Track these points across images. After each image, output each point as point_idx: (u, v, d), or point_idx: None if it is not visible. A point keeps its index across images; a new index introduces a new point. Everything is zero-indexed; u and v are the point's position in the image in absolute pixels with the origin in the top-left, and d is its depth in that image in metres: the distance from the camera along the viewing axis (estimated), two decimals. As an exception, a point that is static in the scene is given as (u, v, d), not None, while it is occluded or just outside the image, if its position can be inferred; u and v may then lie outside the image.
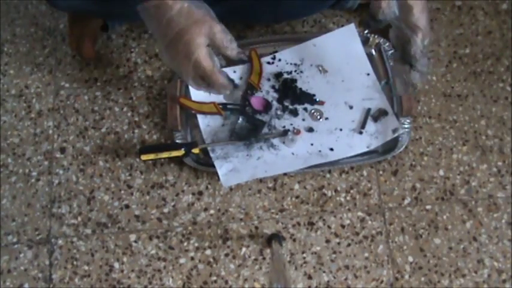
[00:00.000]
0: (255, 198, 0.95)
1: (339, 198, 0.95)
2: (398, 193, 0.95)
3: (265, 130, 0.96)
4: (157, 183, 0.97)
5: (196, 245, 0.93)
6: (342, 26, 1.03)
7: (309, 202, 0.95)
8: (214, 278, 0.91)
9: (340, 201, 0.94)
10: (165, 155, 0.93)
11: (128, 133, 1.01)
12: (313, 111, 0.98)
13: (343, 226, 0.93)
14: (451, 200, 0.94)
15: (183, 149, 0.93)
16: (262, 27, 1.06)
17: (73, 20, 1.05)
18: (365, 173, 0.96)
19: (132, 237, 0.95)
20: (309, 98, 0.99)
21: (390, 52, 1.00)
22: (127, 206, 0.96)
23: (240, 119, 0.96)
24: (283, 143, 0.96)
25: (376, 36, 1.01)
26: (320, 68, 1.01)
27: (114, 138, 1.01)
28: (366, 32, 1.01)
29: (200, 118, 0.99)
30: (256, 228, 0.94)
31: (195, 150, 0.94)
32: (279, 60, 1.02)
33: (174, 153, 0.93)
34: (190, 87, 1.00)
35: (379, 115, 0.96)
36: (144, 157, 0.93)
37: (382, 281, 0.90)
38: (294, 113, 0.98)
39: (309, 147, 0.95)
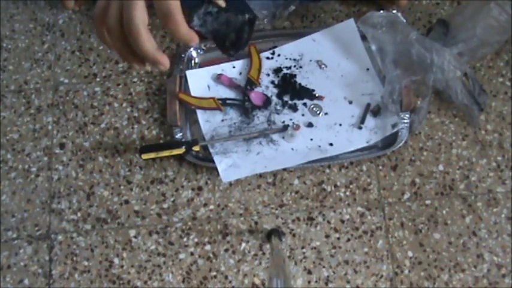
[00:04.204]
0: (255, 193, 0.95)
1: (339, 193, 0.95)
2: (397, 188, 0.94)
3: (264, 125, 0.97)
4: (156, 179, 0.97)
5: (195, 240, 0.93)
6: (341, 21, 1.03)
7: (309, 197, 0.95)
8: (214, 273, 0.91)
9: (339, 196, 0.94)
10: (165, 153, 0.93)
11: (127, 129, 1.01)
12: (312, 106, 0.98)
13: (342, 221, 0.93)
14: (450, 195, 0.94)
15: (183, 147, 0.93)
16: (261, 23, 1.05)
17: None
18: (364, 168, 0.96)
19: (132, 232, 0.95)
20: (308, 93, 0.98)
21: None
22: (126, 202, 0.96)
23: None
24: (283, 138, 0.96)
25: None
26: (319, 63, 1.01)
27: (114, 133, 1.01)
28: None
29: (199, 114, 0.99)
30: (256, 223, 0.94)
31: (196, 148, 0.95)
32: (278, 55, 1.02)
33: (175, 152, 0.93)
34: (190, 82, 1.00)
35: (378, 110, 0.96)
36: (144, 156, 0.93)
37: (381, 276, 0.90)
38: (294, 108, 0.98)
39: (308, 143, 0.95)
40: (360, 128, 0.96)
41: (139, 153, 0.94)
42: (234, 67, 1.02)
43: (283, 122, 0.97)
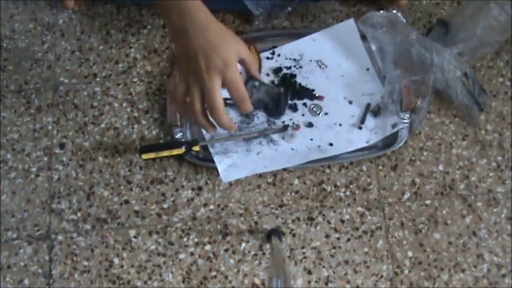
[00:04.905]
0: (255, 193, 0.95)
1: (339, 193, 0.95)
2: (397, 188, 0.94)
3: (264, 125, 0.96)
4: (156, 179, 0.97)
5: (195, 240, 0.93)
6: (341, 21, 1.03)
7: (309, 197, 0.95)
8: (214, 273, 0.91)
9: (339, 196, 0.94)
10: (165, 153, 0.93)
11: (127, 129, 1.01)
12: (312, 106, 0.98)
13: (342, 221, 0.93)
14: (450, 195, 0.94)
15: (183, 147, 0.93)
16: (261, 22, 1.05)
17: None
18: (364, 168, 0.96)
19: (132, 232, 0.95)
20: (308, 93, 0.98)
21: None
22: (126, 202, 0.96)
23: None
24: (283, 138, 0.96)
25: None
26: (319, 63, 1.01)
27: (114, 133, 1.01)
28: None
29: (199, 113, 0.99)
30: (256, 223, 0.94)
31: (196, 148, 0.94)
32: (278, 55, 1.02)
33: (175, 152, 0.93)
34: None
35: (378, 110, 0.96)
36: (144, 156, 0.93)
37: (381, 276, 0.90)
38: (294, 108, 0.98)
39: (308, 143, 0.95)
40: (360, 128, 0.96)
41: (139, 153, 0.94)
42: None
43: (283, 122, 0.97)
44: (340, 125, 0.96)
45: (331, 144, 0.95)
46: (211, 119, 0.78)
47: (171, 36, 0.75)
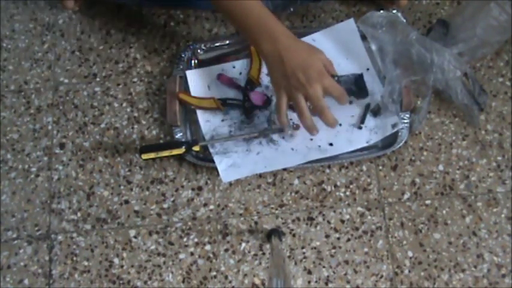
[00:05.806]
0: (255, 193, 0.95)
1: (339, 193, 0.95)
2: (397, 188, 0.94)
3: (264, 125, 0.96)
4: (156, 179, 0.97)
5: (195, 240, 0.93)
6: (341, 21, 1.03)
7: (309, 197, 0.95)
8: (214, 273, 0.91)
9: (339, 196, 0.94)
10: (165, 153, 0.93)
11: (127, 129, 1.01)
12: (312, 106, 0.97)
13: (342, 221, 0.93)
14: (450, 195, 0.94)
15: (183, 147, 0.93)
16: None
17: None
18: (364, 168, 0.96)
19: (132, 232, 0.95)
20: (308, 93, 0.98)
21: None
22: (126, 202, 0.96)
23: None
24: (283, 138, 0.96)
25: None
26: (319, 63, 1.01)
27: (114, 133, 1.01)
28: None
29: (199, 114, 0.99)
30: (256, 223, 0.94)
31: (196, 148, 0.94)
32: (279, 55, 1.02)
33: (175, 152, 0.93)
34: (190, 82, 1.00)
35: (378, 110, 0.96)
36: (144, 156, 0.93)
37: (381, 276, 0.90)
38: (294, 108, 0.97)
39: (308, 142, 0.95)
40: (360, 128, 0.96)
41: (139, 153, 0.94)
42: (234, 67, 1.02)
43: (284, 122, 0.97)
44: (340, 125, 0.96)
45: (331, 144, 0.95)
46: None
47: (263, 59, 0.88)
